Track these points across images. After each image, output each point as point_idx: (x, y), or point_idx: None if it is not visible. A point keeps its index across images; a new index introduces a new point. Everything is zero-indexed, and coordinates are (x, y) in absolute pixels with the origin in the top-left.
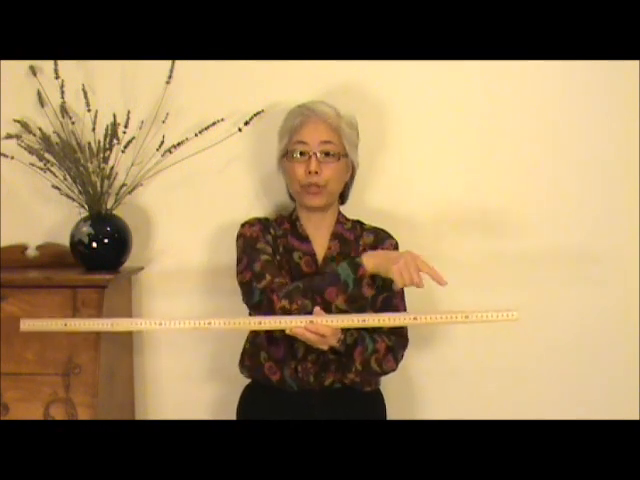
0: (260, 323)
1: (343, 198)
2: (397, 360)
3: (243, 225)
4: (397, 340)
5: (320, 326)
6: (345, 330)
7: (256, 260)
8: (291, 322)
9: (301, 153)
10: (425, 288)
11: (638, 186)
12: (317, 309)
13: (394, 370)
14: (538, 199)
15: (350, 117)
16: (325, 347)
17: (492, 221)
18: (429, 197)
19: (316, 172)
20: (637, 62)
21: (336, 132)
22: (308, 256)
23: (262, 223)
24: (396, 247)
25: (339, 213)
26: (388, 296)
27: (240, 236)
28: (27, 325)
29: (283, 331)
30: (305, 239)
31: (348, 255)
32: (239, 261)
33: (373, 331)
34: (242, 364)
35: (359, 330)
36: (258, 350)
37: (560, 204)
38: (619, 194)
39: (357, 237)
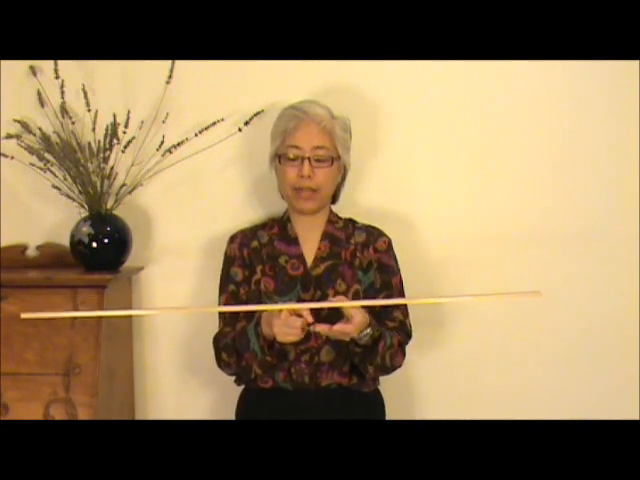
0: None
1: (334, 198)
2: (404, 355)
3: (229, 240)
4: (405, 337)
5: (347, 327)
6: (372, 325)
7: (223, 292)
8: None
9: (293, 157)
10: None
11: (638, 186)
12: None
13: (400, 366)
14: (533, 199)
15: (344, 119)
16: (347, 338)
17: (485, 220)
18: (423, 195)
19: (309, 176)
20: (637, 62)
21: (329, 135)
22: (295, 259)
23: (244, 235)
24: (389, 244)
25: (330, 212)
26: (388, 294)
27: (224, 253)
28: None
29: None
30: (293, 241)
31: (338, 255)
32: (220, 280)
33: (384, 327)
34: (234, 378)
35: (381, 325)
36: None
37: (555, 209)
38: (618, 194)
39: (348, 236)
